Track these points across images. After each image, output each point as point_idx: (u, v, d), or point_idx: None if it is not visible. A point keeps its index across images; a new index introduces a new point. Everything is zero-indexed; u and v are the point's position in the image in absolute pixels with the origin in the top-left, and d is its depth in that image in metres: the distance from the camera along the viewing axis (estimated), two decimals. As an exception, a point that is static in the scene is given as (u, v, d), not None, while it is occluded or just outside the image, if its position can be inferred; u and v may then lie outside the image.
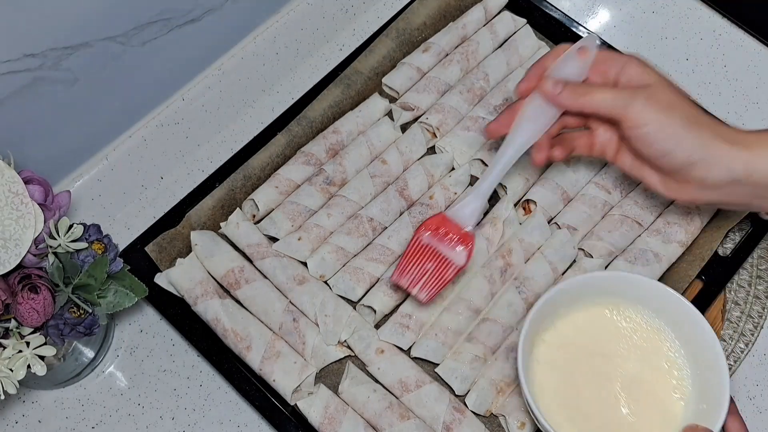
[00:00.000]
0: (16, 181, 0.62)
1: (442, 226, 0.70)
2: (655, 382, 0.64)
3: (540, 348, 0.66)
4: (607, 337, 0.66)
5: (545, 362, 0.65)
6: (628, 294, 0.67)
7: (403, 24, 0.90)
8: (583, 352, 0.66)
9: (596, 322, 0.67)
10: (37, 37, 0.67)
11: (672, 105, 0.63)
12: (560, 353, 0.66)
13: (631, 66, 0.66)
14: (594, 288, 0.67)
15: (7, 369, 0.63)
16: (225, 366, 0.74)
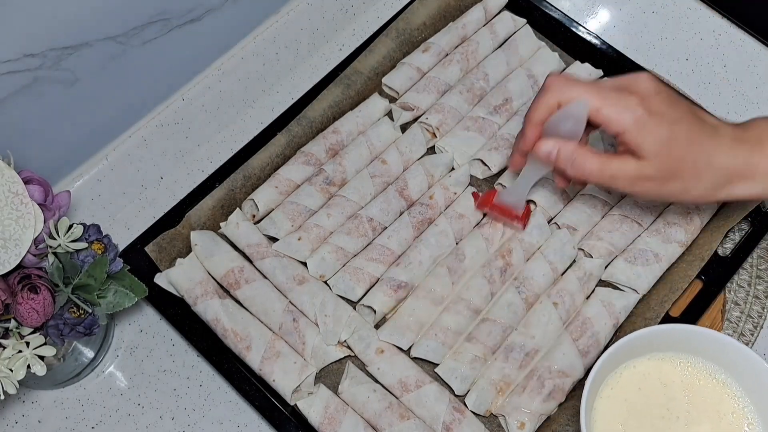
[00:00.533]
0: (16, 181, 0.62)
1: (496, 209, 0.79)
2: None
3: (601, 400, 0.64)
4: (672, 392, 0.64)
5: (605, 413, 0.63)
6: (696, 349, 0.64)
7: (403, 24, 0.90)
8: (646, 408, 0.63)
9: (661, 376, 0.65)
10: (37, 37, 0.67)
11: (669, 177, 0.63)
12: (621, 404, 0.63)
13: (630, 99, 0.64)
14: (662, 340, 0.65)
15: (7, 369, 0.63)
16: (225, 366, 0.74)
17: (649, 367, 0.65)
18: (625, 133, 0.62)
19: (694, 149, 0.62)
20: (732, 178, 0.63)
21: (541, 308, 0.76)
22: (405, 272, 0.77)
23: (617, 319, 0.75)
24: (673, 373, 0.65)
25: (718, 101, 0.91)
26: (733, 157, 0.63)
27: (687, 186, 0.63)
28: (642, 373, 0.65)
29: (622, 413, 0.63)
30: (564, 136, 0.66)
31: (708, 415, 0.62)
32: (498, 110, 0.86)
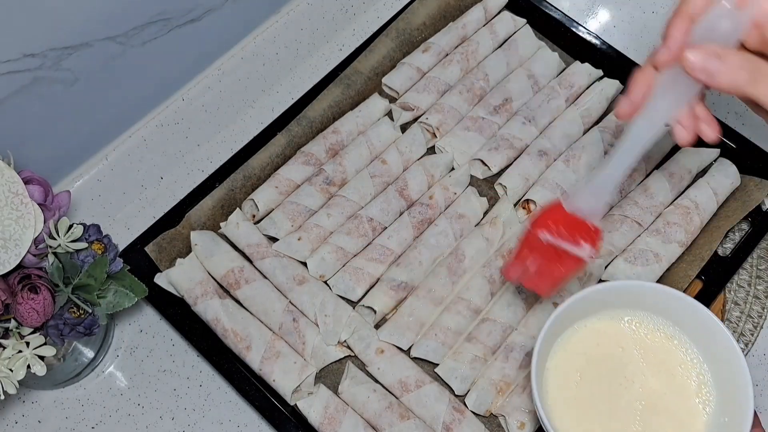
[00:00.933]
0: (16, 181, 0.62)
1: (561, 224, 0.58)
2: (674, 395, 0.61)
3: (554, 358, 0.63)
4: (625, 347, 0.63)
5: (559, 372, 0.63)
6: (648, 304, 0.64)
7: (403, 24, 0.90)
8: (598, 364, 0.63)
9: (612, 333, 0.64)
10: (37, 37, 0.67)
11: None
12: (575, 363, 0.63)
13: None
14: (612, 297, 0.64)
15: (7, 369, 0.63)
16: (225, 366, 0.74)
17: (600, 325, 0.64)
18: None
19: None
20: None
21: (541, 308, 0.76)
22: (405, 272, 0.77)
23: (617, 319, 0.75)
24: (623, 329, 0.64)
25: (718, 101, 0.91)
26: None
27: None
28: (594, 331, 0.64)
29: (576, 369, 0.63)
30: (720, 40, 0.49)
31: (659, 367, 0.63)
32: (498, 110, 0.86)
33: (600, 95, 0.87)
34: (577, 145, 0.84)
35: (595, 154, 0.83)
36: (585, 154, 0.83)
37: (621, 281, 0.67)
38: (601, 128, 0.85)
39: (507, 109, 0.86)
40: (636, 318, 0.64)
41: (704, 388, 0.61)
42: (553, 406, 0.61)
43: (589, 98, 0.87)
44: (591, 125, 0.86)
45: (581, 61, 0.89)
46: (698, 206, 0.80)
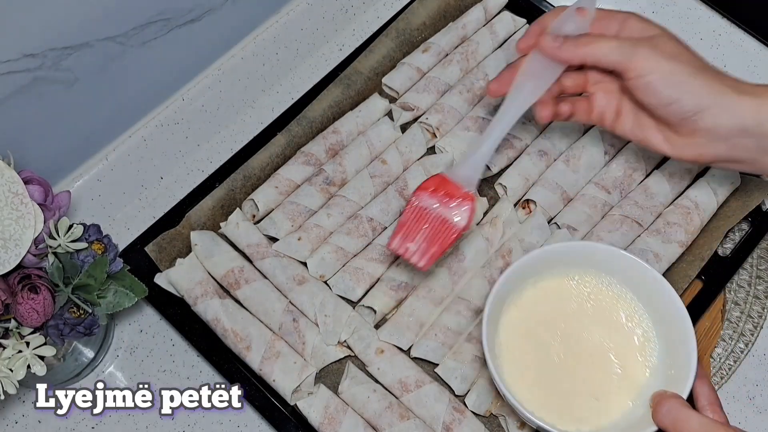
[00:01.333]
0: (16, 181, 0.62)
1: (441, 188, 0.65)
2: (619, 349, 0.64)
3: (506, 316, 0.66)
4: (572, 304, 0.66)
5: (510, 330, 0.66)
6: (595, 263, 0.67)
7: (403, 24, 0.90)
8: (548, 320, 0.66)
9: (561, 291, 0.67)
10: (37, 37, 0.67)
11: (678, 54, 0.61)
12: (525, 321, 0.66)
13: (631, 21, 0.64)
14: (561, 257, 0.67)
15: (7, 369, 0.63)
16: (225, 366, 0.74)
17: (550, 283, 0.67)
18: (629, 18, 0.63)
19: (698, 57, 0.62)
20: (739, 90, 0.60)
21: (541, 308, 0.76)
22: (405, 272, 0.77)
23: (617, 319, 0.75)
24: (571, 286, 0.67)
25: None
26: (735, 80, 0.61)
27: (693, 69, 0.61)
28: (544, 288, 0.67)
29: (525, 325, 0.66)
30: (569, 33, 0.64)
31: (606, 323, 0.66)
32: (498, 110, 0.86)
33: (600, 95, 0.87)
34: (577, 145, 0.84)
35: (595, 154, 0.83)
36: (585, 154, 0.83)
37: (570, 242, 0.70)
38: (601, 128, 0.85)
39: (507, 109, 0.86)
40: (584, 276, 0.67)
41: (648, 344, 0.65)
42: (503, 362, 0.64)
43: (589, 98, 0.87)
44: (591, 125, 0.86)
45: (581, 61, 0.89)
46: (698, 206, 0.80)
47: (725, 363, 0.78)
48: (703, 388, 0.61)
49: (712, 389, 0.61)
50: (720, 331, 0.80)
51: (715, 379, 0.78)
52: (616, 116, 0.68)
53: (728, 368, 0.78)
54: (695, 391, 0.60)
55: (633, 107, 0.66)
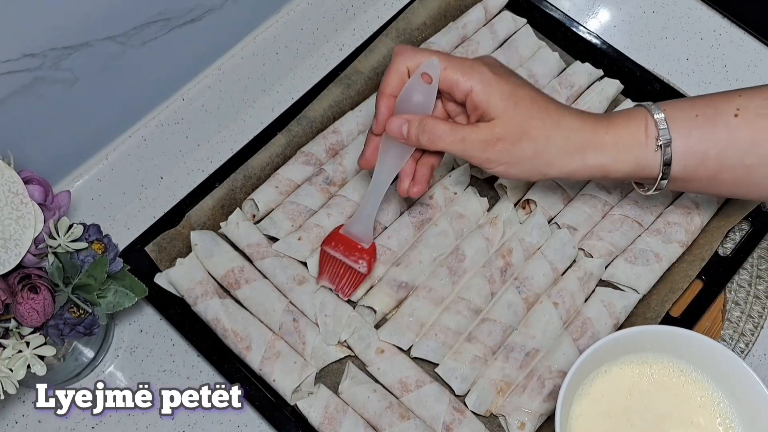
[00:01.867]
0: (16, 181, 0.62)
1: (341, 244, 0.74)
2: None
3: (578, 404, 0.62)
4: (650, 395, 0.62)
5: (583, 419, 0.61)
6: (678, 351, 0.63)
7: (403, 24, 0.90)
8: (624, 410, 0.61)
9: (638, 379, 0.63)
10: (37, 37, 0.67)
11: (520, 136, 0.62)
12: (599, 410, 0.61)
13: (477, 65, 0.64)
14: (637, 342, 0.63)
15: (7, 369, 0.63)
16: (225, 366, 0.74)
17: (626, 370, 0.63)
18: (473, 92, 0.63)
19: (540, 108, 0.63)
20: (583, 145, 0.63)
21: (542, 308, 0.76)
22: (405, 272, 0.77)
23: (618, 319, 0.75)
24: (647, 374, 0.63)
25: (719, 101, 0.91)
26: (581, 126, 0.63)
27: (539, 148, 0.63)
28: (619, 375, 0.63)
29: (601, 416, 0.62)
30: (416, 109, 0.65)
31: (685, 413, 0.61)
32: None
33: (600, 95, 0.87)
34: (578, 145, 0.84)
35: (595, 154, 0.83)
36: (585, 154, 0.83)
37: (647, 326, 0.65)
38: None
39: (507, 109, 0.86)
40: (660, 362, 0.63)
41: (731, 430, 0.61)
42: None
43: (589, 98, 0.87)
44: (591, 125, 0.86)
45: (581, 60, 0.89)
46: (698, 206, 0.80)
47: (725, 363, 0.78)
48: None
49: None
50: (720, 331, 0.80)
51: (715, 379, 0.78)
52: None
53: (728, 368, 0.78)
54: None
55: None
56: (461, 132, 0.63)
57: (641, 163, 0.63)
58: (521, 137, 0.62)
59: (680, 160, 0.62)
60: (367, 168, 0.70)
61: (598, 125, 0.63)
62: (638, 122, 0.63)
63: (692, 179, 0.64)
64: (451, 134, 0.63)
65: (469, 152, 0.63)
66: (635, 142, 0.63)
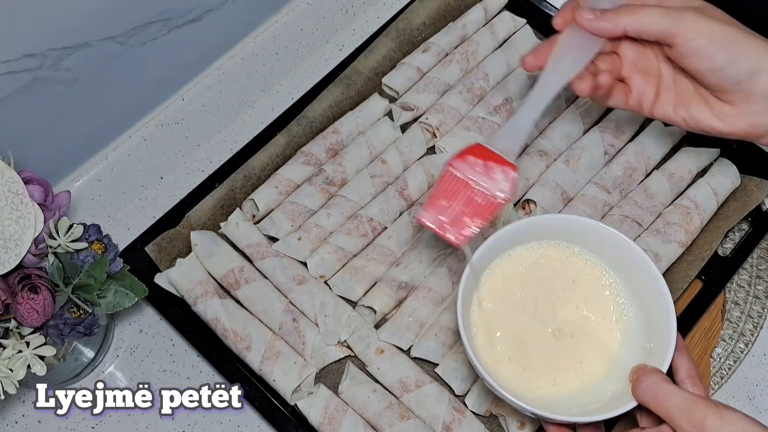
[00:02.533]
0: (16, 181, 0.62)
1: (480, 157, 0.59)
2: (595, 321, 0.63)
3: (482, 285, 0.64)
4: (548, 274, 0.65)
5: (486, 298, 0.64)
6: (572, 236, 0.65)
7: (403, 24, 0.90)
8: (523, 289, 0.64)
9: (538, 260, 0.66)
10: (37, 37, 0.67)
11: (725, 19, 0.59)
12: (500, 289, 0.64)
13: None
14: (535, 230, 0.66)
15: (7, 369, 0.63)
16: (225, 366, 0.74)
17: (526, 254, 0.66)
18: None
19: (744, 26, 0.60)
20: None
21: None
22: (405, 272, 0.77)
23: (617, 319, 0.75)
24: (547, 257, 0.66)
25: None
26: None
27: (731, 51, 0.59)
28: (518, 259, 0.65)
29: (502, 294, 0.64)
30: (605, 6, 0.60)
31: (582, 290, 0.65)
32: (498, 110, 0.86)
33: (600, 95, 0.87)
34: (577, 145, 0.84)
35: (595, 154, 0.83)
36: (585, 154, 0.83)
37: (546, 215, 0.70)
38: (602, 128, 0.85)
39: (507, 109, 0.86)
40: (559, 248, 0.66)
41: (624, 317, 0.63)
42: (477, 333, 0.63)
43: (589, 98, 0.87)
44: (591, 125, 0.86)
45: (581, 61, 0.89)
46: (698, 206, 0.80)
47: (725, 363, 0.78)
48: (683, 360, 0.59)
49: (692, 361, 0.60)
50: (720, 331, 0.80)
51: (715, 379, 0.78)
52: (656, 98, 0.65)
53: (728, 368, 0.78)
54: (674, 363, 0.59)
55: (675, 85, 0.64)
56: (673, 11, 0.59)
57: None
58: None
59: None
60: (533, 69, 0.63)
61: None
62: None
63: None
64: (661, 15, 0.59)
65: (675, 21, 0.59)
66: None
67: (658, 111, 0.66)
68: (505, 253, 0.66)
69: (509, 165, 0.60)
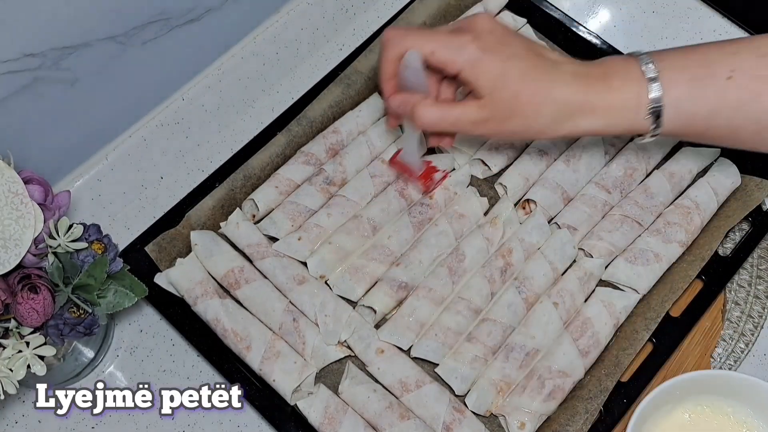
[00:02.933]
0: (16, 181, 0.62)
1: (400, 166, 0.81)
2: None
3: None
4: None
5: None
6: (731, 393, 0.67)
7: (403, 24, 0.90)
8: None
9: (699, 423, 0.68)
10: (37, 37, 0.67)
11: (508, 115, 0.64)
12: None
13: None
14: (698, 385, 0.67)
15: (7, 369, 0.63)
16: (225, 366, 0.74)
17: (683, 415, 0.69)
18: (461, 72, 0.63)
19: (529, 84, 0.63)
20: (574, 112, 0.63)
21: (541, 308, 0.76)
22: (405, 272, 0.77)
23: (617, 319, 0.75)
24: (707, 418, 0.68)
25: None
26: (574, 92, 0.63)
27: (528, 122, 0.64)
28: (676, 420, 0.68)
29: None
30: (412, 88, 0.67)
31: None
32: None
33: (600, 95, 0.87)
34: (577, 145, 0.84)
35: (595, 154, 0.83)
36: (585, 153, 0.83)
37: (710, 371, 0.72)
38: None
39: (507, 109, 0.86)
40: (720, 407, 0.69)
41: None
42: None
43: (589, 98, 0.87)
44: (591, 125, 0.86)
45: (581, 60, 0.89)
46: (698, 206, 0.80)
47: (725, 363, 0.78)
48: None
49: None
50: (720, 331, 0.79)
51: (715, 379, 0.78)
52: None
53: (728, 368, 0.78)
54: None
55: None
56: (451, 115, 0.66)
57: (633, 126, 0.64)
58: (510, 116, 0.64)
59: (670, 123, 0.63)
60: (394, 128, 0.81)
61: (591, 88, 0.63)
62: (632, 87, 0.62)
63: (681, 135, 0.66)
64: (441, 120, 0.66)
65: (461, 130, 0.67)
66: (628, 108, 0.63)
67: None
68: (663, 413, 0.68)
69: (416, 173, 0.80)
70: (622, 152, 0.84)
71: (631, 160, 0.82)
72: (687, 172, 0.82)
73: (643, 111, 0.62)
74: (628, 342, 0.74)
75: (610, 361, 0.73)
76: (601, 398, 0.71)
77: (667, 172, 0.82)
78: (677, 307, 0.76)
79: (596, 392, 0.71)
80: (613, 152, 0.84)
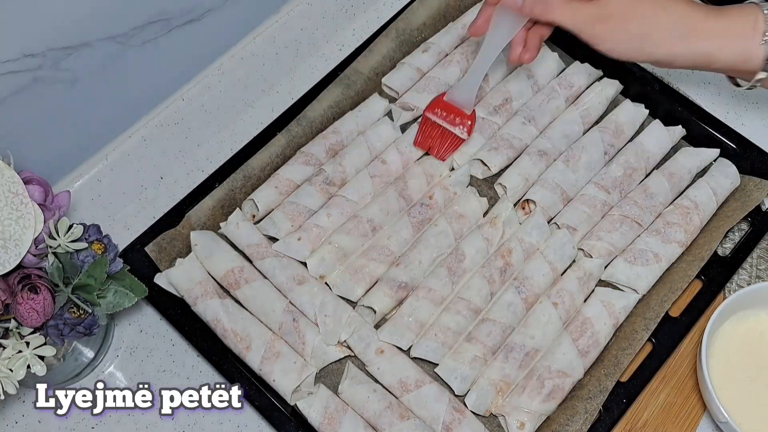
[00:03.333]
0: (16, 181, 0.62)
1: (444, 110, 0.82)
2: None
3: (717, 342, 0.72)
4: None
5: (719, 356, 0.72)
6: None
7: (403, 24, 0.90)
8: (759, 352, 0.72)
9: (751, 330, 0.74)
10: (37, 37, 0.67)
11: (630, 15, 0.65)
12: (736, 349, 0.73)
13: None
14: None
15: (7, 369, 0.63)
16: (225, 366, 0.74)
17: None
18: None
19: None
20: (689, 31, 0.65)
21: (541, 308, 0.76)
22: (405, 272, 0.77)
23: (617, 319, 0.75)
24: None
25: (718, 101, 0.91)
26: (691, 10, 0.65)
27: (646, 29, 0.66)
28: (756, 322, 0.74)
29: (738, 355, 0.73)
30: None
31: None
32: (498, 110, 0.86)
33: (600, 95, 0.87)
34: (577, 145, 0.84)
35: (595, 154, 0.83)
36: (585, 154, 0.83)
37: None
38: (601, 128, 0.85)
39: (507, 109, 0.87)
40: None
41: None
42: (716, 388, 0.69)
43: (588, 98, 0.87)
44: (591, 125, 0.86)
45: (581, 61, 0.89)
46: (698, 206, 0.80)
47: (725, 363, 0.78)
48: None
49: None
50: (720, 331, 0.80)
51: (714, 379, 0.78)
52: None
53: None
54: None
55: None
56: (574, 5, 0.66)
57: (745, 55, 0.65)
58: (631, 16, 0.65)
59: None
60: (477, 35, 0.75)
61: (709, 13, 0.65)
62: (748, 16, 0.65)
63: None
64: (563, 6, 0.66)
65: (579, 26, 0.67)
66: (742, 34, 0.65)
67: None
68: (742, 313, 0.74)
69: (466, 116, 0.82)
70: (621, 152, 0.84)
71: (630, 160, 0.83)
72: (686, 173, 0.82)
73: (758, 37, 0.64)
74: (627, 342, 0.74)
75: (609, 361, 0.73)
76: (601, 398, 0.71)
77: (667, 173, 0.82)
78: (676, 307, 0.76)
79: (596, 392, 0.71)
80: (613, 152, 0.84)
